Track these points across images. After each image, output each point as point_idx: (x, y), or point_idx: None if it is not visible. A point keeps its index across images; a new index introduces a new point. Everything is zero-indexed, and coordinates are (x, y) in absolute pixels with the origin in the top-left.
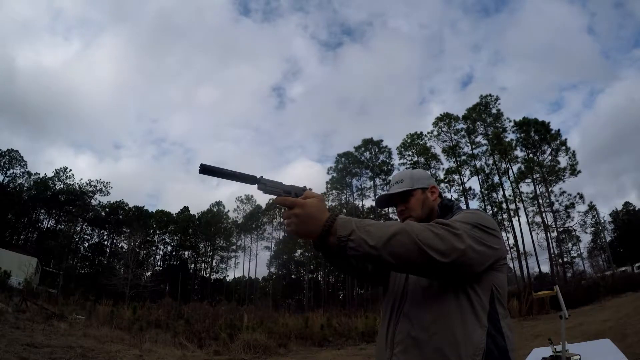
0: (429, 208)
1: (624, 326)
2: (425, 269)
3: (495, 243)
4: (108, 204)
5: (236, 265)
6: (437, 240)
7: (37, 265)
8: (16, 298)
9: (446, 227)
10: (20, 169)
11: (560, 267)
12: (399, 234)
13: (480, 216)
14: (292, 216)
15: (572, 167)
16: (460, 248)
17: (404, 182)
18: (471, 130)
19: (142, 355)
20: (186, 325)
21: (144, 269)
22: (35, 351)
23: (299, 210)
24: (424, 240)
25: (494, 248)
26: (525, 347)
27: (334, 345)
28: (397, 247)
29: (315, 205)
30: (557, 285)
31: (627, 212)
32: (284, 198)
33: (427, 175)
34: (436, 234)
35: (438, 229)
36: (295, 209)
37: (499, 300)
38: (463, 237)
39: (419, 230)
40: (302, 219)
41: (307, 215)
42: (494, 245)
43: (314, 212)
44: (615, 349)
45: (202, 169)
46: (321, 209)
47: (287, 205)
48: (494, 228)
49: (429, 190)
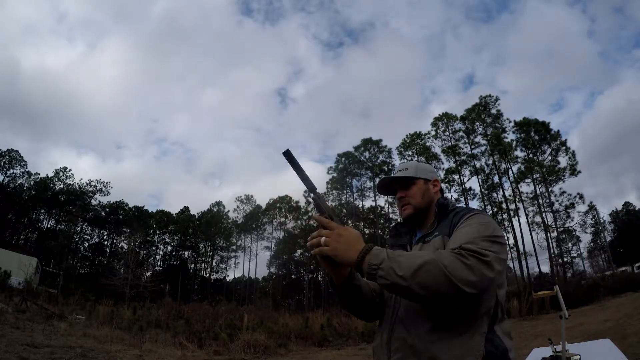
0: (429, 200)
1: (624, 326)
2: (454, 300)
3: (506, 252)
4: (108, 204)
5: (236, 265)
6: (468, 272)
7: (37, 265)
8: (16, 298)
9: (476, 255)
10: (20, 169)
11: (560, 267)
12: (428, 264)
13: (493, 226)
14: (334, 236)
15: (572, 167)
16: (491, 277)
17: (408, 170)
18: (470, 130)
19: (142, 355)
20: (186, 325)
21: (144, 269)
22: (35, 351)
23: (343, 232)
24: (453, 272)
25: (506, 258)
26: (525, 347)
27: (334, 345)
28: (426, 278)
29: (355, 233)
30: (557, 285)
31: (627, 212)
32: (328, 220)
33: (432, 169)
34: (466, 265)
35: (468, 258)
36: (339, 231)
37: (500, 304)
38: (493, 264)
39: (449, 260)
40: (344, 241)
41: (348, 239)
42: (506, 256)
43: (354, 238)
44: (615, 349)
45: (286, 153)
46: (360, 238)
47: (331, 227)
48: (502, 235)
49: (431, 183)
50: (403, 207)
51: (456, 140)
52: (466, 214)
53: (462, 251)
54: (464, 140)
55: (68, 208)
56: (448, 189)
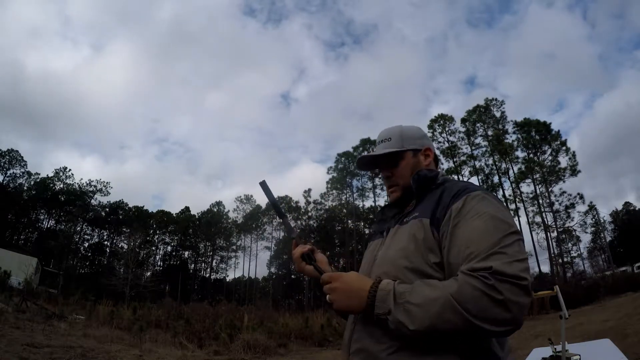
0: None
1: (624, 326)
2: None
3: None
4: (108, 204)
5: (236, 265)
6: (500, 310)
7: (37, 265)
8: (16, 298)
9: (511, 281)
10: (20, 169)
11: (560, 267)
12: (446, 312)
13: (505, 213)
14: (331, 291)
15: (572, 167)
16: (527, 304)
17: (391, 140)
18: (470, 131)
19: (142, 355)
20: (186, 325)
21: (144, 269)
22: (35, 351)
23: (337, 284)
24: (480, 315)
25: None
26: (525, 347)
27: (334, 345)
28: (445, 327)
29: (353, 277)
30: (557, 285)
31: (627, 212)
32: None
33: (421, 134)
34: (498, 303)
35: (500, 291)
36: (334, 283)
37: None
38: (529, 287)
39: (471, 297)
40: (341, 293)
41: (344, 290)
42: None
43: (350, 283)
44: (615, 349)
45: (262, 184)
46: (361, 280)
47: (325, 280)
48: (514, 221)
49: (422, 153)
50: (390, 188)
51: (453, 142)
52: (461, 194)
53: (488, 278)
54: (464, 141)
55: (68, 208)
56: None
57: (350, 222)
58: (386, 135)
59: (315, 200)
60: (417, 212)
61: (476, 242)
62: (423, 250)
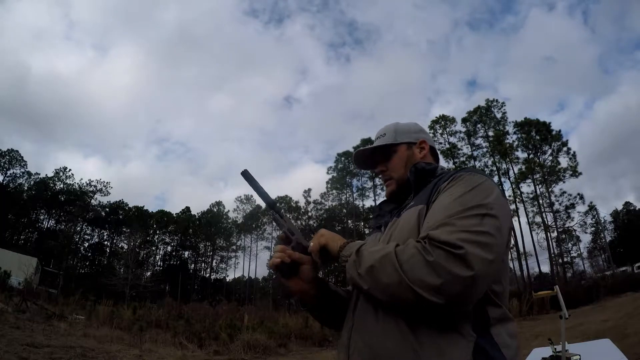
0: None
1: (624, 326)
2: (416, 308)
3: (506, 226)
4: (108, 204)
5: (236, 265)
6: (428, 272)
7: (37, 265)
8: (16, 298)
9: (443, 246)
10: (20, 169)
11: (560, 267)
12: (384, 260)
13: (483, 191)
14: (318, 234)
15: (573, 168)
16: (465, 277)
17: (385, 135)
18: (471, 132)
19: (142, 355)
20: (186, 325)
21: (144, 269)
22: (35, 351)
23: (323, 231)
24: (409, 272)
25: (508, 236)
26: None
27: (334, 345)
28: (380, 277)
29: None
30: (557, 285)
31: (627, 212)
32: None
33: (417, 129)
34: (427, 263)
35: (431, 252)
36: (320, 232)
37: (493, 300)
38: (469, 258)
39: (407, 255)
40: (327, 234)
41: (331, 234)
42: (507, 232)
43: (336, 235)
44: (615, 349)
45: (244, 174)
46: (340, 236)
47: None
48: (499, 202)
49: (417, 146)
50: (386, 182)
51: (453, 143)
52: (452, 175)
53: (426, 242)
54: (464, 142)
55: (68, 208)
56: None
57: (350, 222)
58: (381, 132)
59: (315, 200)
60: (413, 202)
61: (436, 216)
62: (417, 234)
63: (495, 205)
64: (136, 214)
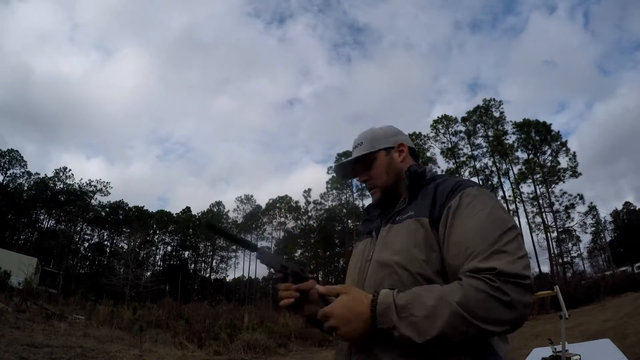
0: (397, 172)
1: (624, 326)
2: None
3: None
4: (108, 204)
5: (236, 265)
6: (507, 311)
7: (37, 265)
8: (16, 298)
9: (515, 281)
10: (20, 169)
11: (560, 267)
12: (454, 321)
13: (502, 208)
14: (333, 326)
15: (572, 168)
16: (531, 301)
17: (363, 144)
18: (471, 132)
19: (142, 355)
20: (186, 325)
21: (144, 269)
22: (35, 351)
23: (334, 320)
24: (488, 318)
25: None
26: (525, 347)
27: (334, 345)
28: (454, 334)
29: (346, 301)
30: (557, 285)
31: (627, 212)
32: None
33: (393, 132)
34: (504, 304)
35: (506, 292)
36: (331, 320)
37: None
38: (531, 283)
39: (480, 304)
40: (345, 322)
41: (345, 317)
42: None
43: (351, 308)
44: (615, 349)
45: (208, 226)
46: (356, 300)
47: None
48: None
49: (395, 150)
50: (371, 191)
51: (455, 143)
52: (456, 191)
53: (493, 280)
54: (464, 142)
55: (68, 208)
56: None
57: (350, 222)
58: (358, 141)
59: (315, 200)
60: (413, 211)
61: (476, 241)
62: (424, 249)
63: (511, 218)
64: (136, 214)
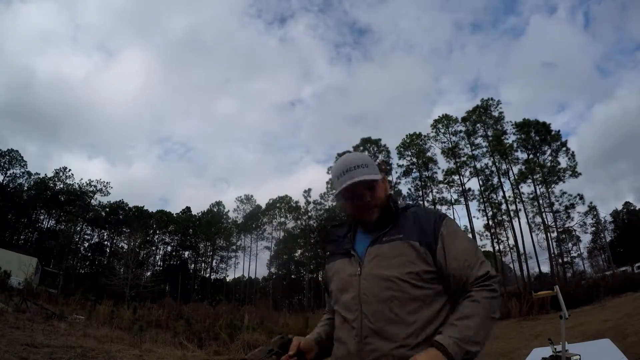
0: (385, 198)
1: (624, 326)
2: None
3: None
4: (108, 204)
5: (236, 265)
6: (499, 300)
7: (37, 265)
8: (16, 298)
9: (497, 279)
10: (20, 169)
11: (560, 267)
12: (490, 326)
13: (469, 239)
14: None
15: (572, 168)
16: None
17: (368, 167)
18: (471, 132)
19: (142, 355)
20: (186, 325)
21: (144, 269)
22: (35, 351)
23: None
24: (497, 313)
25: None
26: (525, 347)
27: None
28: (488, 336)
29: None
30: (557, 285)
31: (627, 212)
32: None
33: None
34: (497, 296)
35: (496, 289)
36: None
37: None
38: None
39: (494, 306)
40: None
41: None
42: None
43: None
44: (615, 349)
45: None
46: (435, 356)
47: None
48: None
49: (382, 179)
50: (370, 210)
51: (455, 142)
52: (439, 220)
53: (490, 284)
54: (465, 142)
55: (68, 208)
56: (448, 190)
57: None
58: (360, 162)
59: (315, 200)
60: (401, 234)
61: (470, 257)
62: (419, 264)
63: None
64: (136, 214)
